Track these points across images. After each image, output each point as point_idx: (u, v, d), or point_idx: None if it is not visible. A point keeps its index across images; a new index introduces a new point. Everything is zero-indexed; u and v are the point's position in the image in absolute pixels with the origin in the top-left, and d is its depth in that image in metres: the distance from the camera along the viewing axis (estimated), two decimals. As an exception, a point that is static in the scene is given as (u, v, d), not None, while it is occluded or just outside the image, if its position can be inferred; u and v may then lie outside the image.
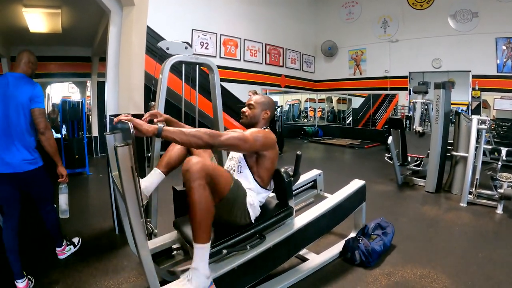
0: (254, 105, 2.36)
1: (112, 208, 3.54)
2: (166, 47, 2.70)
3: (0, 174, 2.45)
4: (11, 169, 2.48)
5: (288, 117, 14.25)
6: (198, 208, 1.73)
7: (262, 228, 2.22)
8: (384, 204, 4.56)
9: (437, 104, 4.91)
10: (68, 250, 3.05)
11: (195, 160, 1.76)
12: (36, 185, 2.72)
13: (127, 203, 1.47)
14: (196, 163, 1.75)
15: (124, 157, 1.40)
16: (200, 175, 1.73)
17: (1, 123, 2.49)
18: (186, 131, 1.81)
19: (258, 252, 2.12)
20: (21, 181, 2.58)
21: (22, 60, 2.72)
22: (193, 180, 1.72)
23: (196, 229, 1.76)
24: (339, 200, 2.78)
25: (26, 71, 2.74)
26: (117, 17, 3.44)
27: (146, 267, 1.63)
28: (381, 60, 11.64)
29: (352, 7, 12.43)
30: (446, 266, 2.80)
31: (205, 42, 10.03)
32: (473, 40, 9.63)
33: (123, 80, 3.38)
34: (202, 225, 1.75)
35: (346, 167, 7.53)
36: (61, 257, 2.99)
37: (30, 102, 2.58)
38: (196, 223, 1.75)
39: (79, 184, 5.81)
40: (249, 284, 2.14)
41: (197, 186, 1.72)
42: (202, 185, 1.74)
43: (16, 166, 2.50)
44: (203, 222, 1.76)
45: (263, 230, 2.22)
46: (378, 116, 12.05)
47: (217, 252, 1.99)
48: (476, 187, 4.44)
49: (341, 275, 2.66)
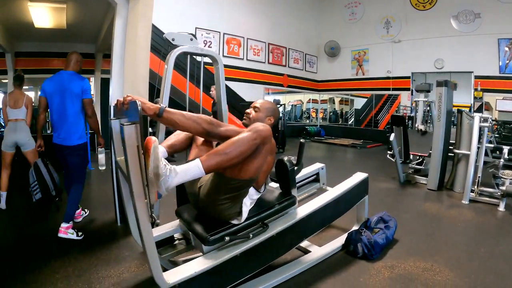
0: (259, 108, 2.34)
1: (115, 200, 3.55)
2: (172, 38, 2.72)
3: (56, 145, 3.36)
4: (65, 142, 3.32)
5: (290, 118, 14.25)
6: (232, 148, 1.77)
7: (264, 216, 2.22)
8: (386, 201, 4.55)
9: (439, 102, 4.90)
10: (71, 233, 3.15)
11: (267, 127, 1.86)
12: (77, 155, 3.42)
13: (131, 182, 1.46)
14: (269, 129, 1.86)
15: (130, 135, 1.40)
16: (262, 136, 1.82)
17: (59, 109, 3.31)
18: (187, 114, 1.83)
19: (260, 240, 2.12)
20: (69, 150, 3.35)
21: (72, 60, 3.39)
22: (256, 131, 1.81)
23: (212, 156, 1.77)
24: (342, 191, 2.78)
25: (76, 69, 3.42)
26: (123, 9, 3.45)
27: (148, 250, 1.63)
28: (383, 60, 11.68)
29: (355, 8, 12.47)
30: (448, 259, 2.79)
31: (209, 40, 10.07)
32: (475, 41, 9.67)
33: (128, 72, 3.39)
34: (219, 159, 1.77)
35: (348, 165, 7.52)
36: (62, 235, 3.09)
37: (81, 94, 3.34)
38: (218, 153, 1.77)
39: (81, 178, 5.81)
40: (251, 273, 2.14)
41: (252, 139, 1.80)
42: (255, 143, 1.81)
43: (68, 140, 3.33)
44: (222, 162, 1.78)
45: (265, 218, 2.22)
46: (381, 117, 12.05)
47: (220, 239, 1.99)
48: (478, 185, 4.43)
49: (344, 267, 2.65)
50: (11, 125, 4.12)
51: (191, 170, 1.73)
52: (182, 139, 2.30)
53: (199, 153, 2.19)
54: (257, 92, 11.31)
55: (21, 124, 4.15)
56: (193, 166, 1.73)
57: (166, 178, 1.62)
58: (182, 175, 1.71)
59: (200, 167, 1.74)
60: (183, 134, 2.31)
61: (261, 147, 1.88)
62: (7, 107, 4.13)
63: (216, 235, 1.98)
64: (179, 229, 2.53)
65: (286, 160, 2.38)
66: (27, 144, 4.14)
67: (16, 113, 4.14)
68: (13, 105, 4.13)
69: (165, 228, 2.52)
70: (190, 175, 1.74)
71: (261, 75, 11.56)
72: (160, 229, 2.51)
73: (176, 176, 1.68)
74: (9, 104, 4.13)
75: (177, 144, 2.28)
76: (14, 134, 4.08)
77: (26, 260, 2.74)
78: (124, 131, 1.38)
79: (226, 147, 1.78)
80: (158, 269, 1.70)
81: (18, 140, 4.10)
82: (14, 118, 4.13)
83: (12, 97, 4.18)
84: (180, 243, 2.67)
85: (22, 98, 4.21)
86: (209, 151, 1.83)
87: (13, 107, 4.13)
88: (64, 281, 2.41)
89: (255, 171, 1.94)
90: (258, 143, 1.85)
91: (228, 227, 2.04)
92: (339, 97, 14.30)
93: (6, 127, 4.16)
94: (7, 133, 4.11)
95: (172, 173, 1.66)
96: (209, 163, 1.76)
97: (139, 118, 1.44)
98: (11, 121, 4.13)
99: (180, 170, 1.70)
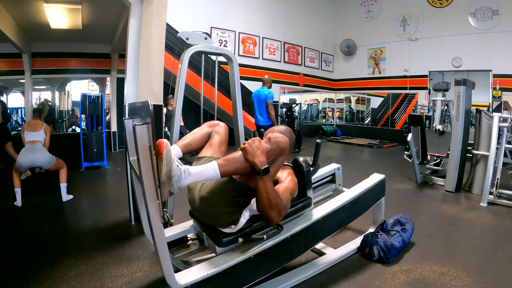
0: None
1: (129, 199, 3.57)
2: (186, 37, 2.71)
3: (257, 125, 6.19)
4: (259, 123, 6.20)
5: (306, 117, 14.18)
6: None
7: None
8: (403, 202, 4.47)
9: (457, 101, 4.79)
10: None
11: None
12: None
13: (143, 183, 1.45)
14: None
15: (142, 136, 1.39)
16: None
17: (257, 106, 6.22)
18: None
19: (275, 242, 2.09)
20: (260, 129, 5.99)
21: (267, 82, 6.31)
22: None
23: (230, 162, 1.78)
24: (358, 193, 2.73)
25: (266, 85, 6.27)
26: (137, 9, 3.47)
27: (160, 251, 1.62)
28: (400, 59, 11.52)
29: (371, 5, 12.32)
30: (466, 264, 2.72)
31: (224, 39, 10.09)
32: (493, 39, 9.47)
33: (143, 71, 3.40)
34: (237, 166, 1.78)
35: (364, 166, 7.44)
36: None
37: (266, 99, 6.11)
38: (236, 160, 1.78)
39: (97, 177, 5.90)
40: (264, 275, 2.12)
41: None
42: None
43: (260, 121, 6.21)
44: (239, 169, 1.79)
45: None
46: (397, 116, 11.90)
47: (233, 241, 1.97)
48: (496, 187, 4.32)
49: (359, 270, 2.60)
50: (28, 146, 4.14)
51: (207, 172, 1.71)
52: (198, 139, 2.26)
53: (213, 152, 2.22)
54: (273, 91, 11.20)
55: (38, 145, 4.17)
56: (210, 169, 1.72)
57: (179, 178, 1.61)
58: (196, 176, 1.69)
59: (217, 170, 1.72)
60: (199, 134, 2.28)
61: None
62: (25, 132, 4.19)
63: (230, 237, 1.96)
64: (193, 229, 2.52)
65: (302, 161, 2.35)
66: (47, 163, 4.18)
67: (34, 136, 4.18)
68: (31, 129, 4.20)
69: (178, 228, 2.51)
70: (205, 177, 1.72)
71: (277, 74, 11.49)
72: (173, 229, 2.51)
73: (189, 177, 1.66)
74: (27, 129, 4.20)
75: (192, 143, 2.23)
76: (31, 154, 4.09)
77: (40, 257, 2.78)
78: (136, 132, 1.37)
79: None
80: (170, 270, 1.69)
81: (36, 161, 4.11)
82: (32, 139, 4.16)
83: (30, 124, 4.27)
84: (193, 243, 2.65)
85: (41, 125, 4.29)
86: (227, 157, 1.82)
87: (31, 131, 4.19)
88: (77, 278, 2.43)
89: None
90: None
91: (241, 229, 2.01)
92: (356, 96, 14.16)
93: (23, 149, 4.16)
94: (23, 153, 4.10)
95: (185, 173, 1.65)
96: (227, 168, 1.75)
97: (151, 118, 1.42)
98: (28, 143, 4.15)
99: (195, 171, 1.69)
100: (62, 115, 9.92)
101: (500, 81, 9.16)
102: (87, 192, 4.82)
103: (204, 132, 2.29)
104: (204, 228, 2.15)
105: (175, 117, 2.77)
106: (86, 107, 6.53)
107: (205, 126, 2.33)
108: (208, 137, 2.30)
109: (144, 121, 1.42)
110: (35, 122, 4.31)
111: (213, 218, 1.99)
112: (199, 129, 2.31)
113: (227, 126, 2.38)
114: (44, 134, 4.26)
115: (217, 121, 2.38)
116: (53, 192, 4.41)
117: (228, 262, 1.90)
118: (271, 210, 1.81)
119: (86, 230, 3.43)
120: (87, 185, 5.31)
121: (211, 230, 2.06)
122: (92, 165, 6.37)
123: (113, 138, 8.58)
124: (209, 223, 2.06)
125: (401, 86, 11.63)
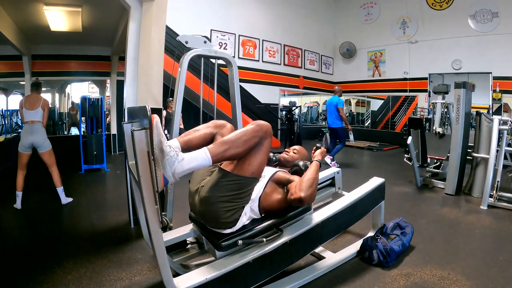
0: (298, 151, 2.71)
1: (128, 202, 3.57)
2: (185, 41, 2.71)
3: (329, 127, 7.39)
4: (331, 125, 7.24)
5: (306, 119, 14.17)
6: (237, 137, 1.83)
7: (279, 222, 2.19)
8: (403, 205, 4.47)
9: (457, 104, 4.79)
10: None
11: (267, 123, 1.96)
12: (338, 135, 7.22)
13: (142, 188, 1.45)
14: (269, 125, 1.96)
15: (140, 141, 1.39)
16: (264, 129, 1.91)
17: (329, 110, 7.26)
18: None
19: (274, 247, 2.08)
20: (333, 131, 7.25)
21: (337, 92, 7.26)
22: (258, 124, 1.90)
23: (219, 145, 1.81)
24: (358, 197, 2.72)
25: (337, 94, 7.21)
26: (136, 12, 3.48)
27: (158, 256, 1.61)
28: (400, 61, 11.53)
29: (371, 8, 12.34)
30: (466, 268, 2.71)
31: (224, 42, 10.09)
32: (493, 41, 9.49)
33: (142, 74, 3.40)
34: (226, 147, 1.80)
35: (364, 168, 7.43)
36: None
37: (337, 105, 7.02)
38: (225, 142, 1.82)
39: (97, 179, 5.90)
40: (264, 279, 2.11)
41: (255, 130, 1.88)
42: (258, 135, 1.88)
43: (332, 124, 7.18)
44: (229, 150, 1.80)
45: (279, 224, 2.19)
46: (397, 119, 11.90)
47: (233, 245, 1.97)
48: (497, 190, 4.32)
49: (358, 274, 2.59)
50: (27, 127, 4.18)
51: (199, 157, 1.73)
52: (200, 137, 2.14)
53: None
54: (272, 94, 11.33)
55: (37, 126, 4.20)
56: (201, 154, 1.74)
57: (172, 159, 1.63)
58: (189, 161, 1.71)
59: (208, 154, 1.74)
60: (202, 132, 2.16)
61: (263, 141, 1.93)
62: (23, 109, 4.20)
63: (229, 241, 1.97)
64: (192, 233, 2.51)
65: (301, 165, 2.35)
66: (43, 146, 4.19)
67: (33, 115, 4.20)
68: (30, 107, 4.19)
69: (178, 232, 2.50)
70: (197, 163, 1.74)
71: (277, 77, 11.52)
72: (173, 233, 2.49)
73: (182, 161, 1.68)
74: (25, 106, 4.20)
75: (194, 140, 2.10)
76: (30, 135, 4.14)
77: (39, 260, 2.78)
78: (134, 137, 1.37)
79: (232, 137, 1.84)
80: (168, 274, 1.69)
81: (34, 142, 4.15)
82: (30, 120, 4.19)
83: (28, 100, 4.25)
84: (192, 247, 2.65)
85: (38, 100, 4.28)
86: (216, 142, 1.86)
87: (30, 109, 4.19)
88: (76, 282, 2.43)
89: (257, 168, 1.96)
90: (261, 135, 1.90)
91: (241, 232, 2.02)
92: (356, 98, 14.16)
93: (23, 129, 4.24)
94: (24, 135, 4.17)
95: (178, 156, 1.67)
96: (216, 151, 1.77)
97: (150, 124, 1.42)
98: (27, 123, 4.19)
99: (187, 157, 1.71)
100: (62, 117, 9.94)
101: (500, 83, 9.16)
102: (86, 195, 4.82)
103: (208, 131, 2.19)
104: (204, 232, 2.15)
105: (175, 120, 2.76)
106: (86, 110, 6.53)
107: (211, 125, 2.23)
108: (211, 137, 2.19)
109: (142, 126, 1.42)
110: (34, 97, 4.30)
111: (214, 218, 1.99)
112: (203, 127, 2.21)
113: (234, 128, 2.30)
114: (42, 110, 4.27)
115: (224, 122, 2.30)
116: (53, 194, 4.40)
117: (227, 267, 1.89)
118: (311, 188, 2.02)
119: (85, 233, 3.42)
120: (87, 187, 5.31)
121: (211, 233, 2.07)
122: (91, 168, 6.38)
123: (113, 140, 8.58)
124: (211, 226, 2.06)
125: (401, 88, 11.64)
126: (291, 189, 2.07)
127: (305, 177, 2.09)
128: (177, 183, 2.28)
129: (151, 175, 1.46)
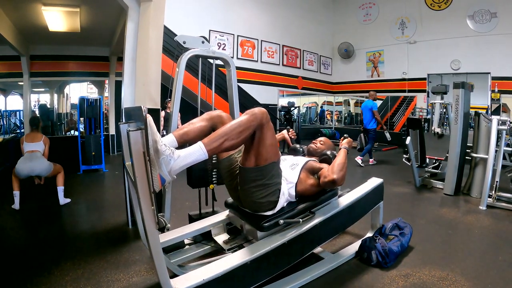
0: (324, 142, 2.96)
1: (126, 203, 3.55)
2: (183, 41, 2.70)
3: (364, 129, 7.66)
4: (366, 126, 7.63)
5: (305, 120, 14.16)
6: (231, 129, 1.83)
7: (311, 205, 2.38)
8: (402, 205, 4.47)
9: (456, 104, 4.79)
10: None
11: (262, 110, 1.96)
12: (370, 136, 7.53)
13: (138, 189, 1.44)
14: (264, 111, 1.96)
15: (136, 141, 1.38)
16: (258, 117, 1.90)
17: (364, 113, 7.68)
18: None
19: (271, 248, 2.08)
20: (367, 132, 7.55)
21: (371, 96, 7.77)
22: (252, 114, 1.90)
23: (213, 138, 1.79)
24: (356, 198, 2.71)
25: (371, 98, 7.64)
26: (134, 13, 3.47)
27: (155, 257, 1.60)
28: (399, 62, 11.54)
29: (370, 8, 12.34)
30: (465, 268, 2.70)
31: (222, 43, 10.07)
32: (492, 41, 9.50)
33: (140, 74, 3.39)
34: (221, 140, 1.79)
35: (362, 169, 7.43)
36: None
37: (372, 108, 7.42)
38: (219, 135, 1.80)
39: (95, 180, 5.89)
40: (262, 280, 2.10)
41: (249, 120, 1.88)
42: (252, 125, 1.89)
43: (367, 125, 7.64)
44: (224, 142, 1.80)
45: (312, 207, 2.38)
46: (396, 119, 11.90)
47: (275, 225, 2.16)
48: (496, 190, 4.31)
49: (357, 275, 2.58)
50: (27, 155, 4.17)
51: (195, 153, 1.73)
52: (196, 129, 2.09)
53: None
54: (271, 95, 11.31)
55: (37, 154, 4.19)
56: (196, 149, 1.74)
57: (167, 158, 1.62)
58: (185, 158, 1.69)
59: (203, 149, 1.74)
60: (197, 124, 2.12)
61: (261, 129, 1.96)
62: (24, 143, 4.21)
63: (271, 221, 2.14)
64: (190, 234, 2.51)
65: (329, 154, 2.57)
66: (43, 171, 4.20)
67: (33, 146, 4.20)
68: (30, 141, 4.22)
69: (176, 233, 2.49)
70: (193, 158, 1.73)
71: (276, 77, 11.50)
72: (170, 233, 2.48)
73: (178, 159, 1.67)
74: (26, 140, 4.22)
75: (189, 133, 2.04)
76: (29, 162, 4.11)
77: (36, 261, 2.77)
78: (130, 137, 1.36)
79: (227, 129, 1.84)
80: (165, 276, 1.67)
81: (34, 169, 4.13)
82: (31, 149, 4.18)
83: (29, 136, 4.29)
84: (190, 248, 2.64)
85: (40, 136, 4.31)
86: (210, 135, 1.84)
87: (30, 142, 4.22)
88: (74, 283, 2.42)
89: (270, 154, 2.03)
90: (256, 124, 1.91)
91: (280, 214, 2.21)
92: (354, 99, 14.16)
93: (22, 157, 4.18)
94: (22, 161, 4.12)
95: (173, 154, 1.65)
96: (211, 145, 1.77)
97: (145, 124, 1.41)
98: (27, 152, 4.17)
99: (183, 153, 1.70)
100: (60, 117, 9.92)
101: (499, 83, 9.16)
102: (84, 195, 4.81)
103: (203, 124, 2.14)
104: (244, 217, 2.33)
105: (172, 120, 2.75)
106: (84, 110, 6.52)
107: (206, 117, 2.19)
108: (208, 129, 2.14)
109: (138, 127, 1.41)
110: (34, 134, 4.32)
111: (256, 203, 2.15)
112: (198, 119, 2.17)
113: (229, 116, 2.30)
114: (44, 145, 4.28)
115: (218, 112, 2.26)
116: (51, 195, 4.39)
117: (224, 268, 1.88)
118: (342, 171, 2.26)
119: (83, 234, 3.41)
120: (85, 188, 5.30)
121: (252, 217, 2.23)
122: (90, 168, 6.38)
123: (111, 141, 8.56)
124: (253, 210, 2.23)
125: (399, 89, 11.65)
126: (323, 172, 2.30)
127: (336, 161, 2.33)
128: (175, 184, 2.28)
129: (147, 176, 1.45)
